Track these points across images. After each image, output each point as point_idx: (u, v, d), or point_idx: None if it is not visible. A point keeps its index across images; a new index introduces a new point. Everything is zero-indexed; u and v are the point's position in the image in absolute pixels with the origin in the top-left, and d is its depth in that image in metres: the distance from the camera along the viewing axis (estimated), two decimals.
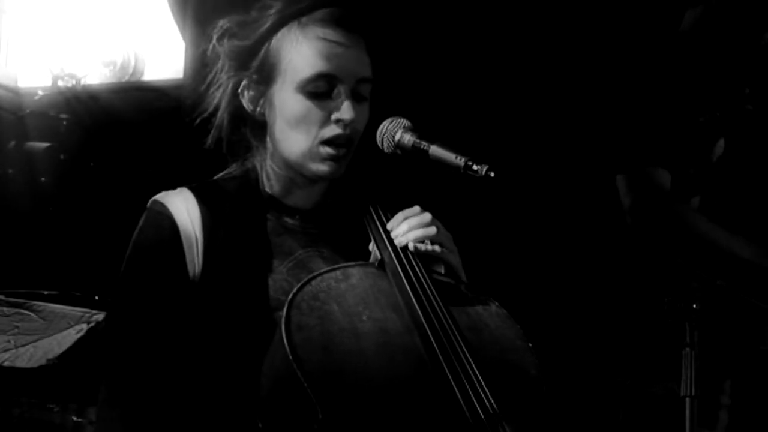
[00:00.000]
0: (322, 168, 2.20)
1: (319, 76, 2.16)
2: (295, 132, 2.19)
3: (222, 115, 2.26)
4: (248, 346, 2.03)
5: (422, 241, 2.16)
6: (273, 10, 2.21)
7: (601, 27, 3.53)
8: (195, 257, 2.16)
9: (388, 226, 2.21)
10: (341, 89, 2.18)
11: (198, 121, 2.30)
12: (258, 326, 2.07)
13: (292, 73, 2.17)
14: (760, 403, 3.03)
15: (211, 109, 2.26)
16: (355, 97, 2.19)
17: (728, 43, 3.07)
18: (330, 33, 2.17)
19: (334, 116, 2.17)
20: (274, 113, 2.21)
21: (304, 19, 2.18)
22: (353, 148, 2.22)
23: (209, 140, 2.28)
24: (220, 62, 2.24)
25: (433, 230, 2.17)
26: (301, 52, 2.16)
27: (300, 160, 2.21)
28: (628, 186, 2.96)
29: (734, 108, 3.05)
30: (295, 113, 2.18)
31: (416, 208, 2.21)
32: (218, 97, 2.26)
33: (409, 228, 2.18)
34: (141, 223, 2.22)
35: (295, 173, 2.25)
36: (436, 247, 2.17)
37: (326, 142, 2.18)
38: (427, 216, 2.19)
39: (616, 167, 3.00)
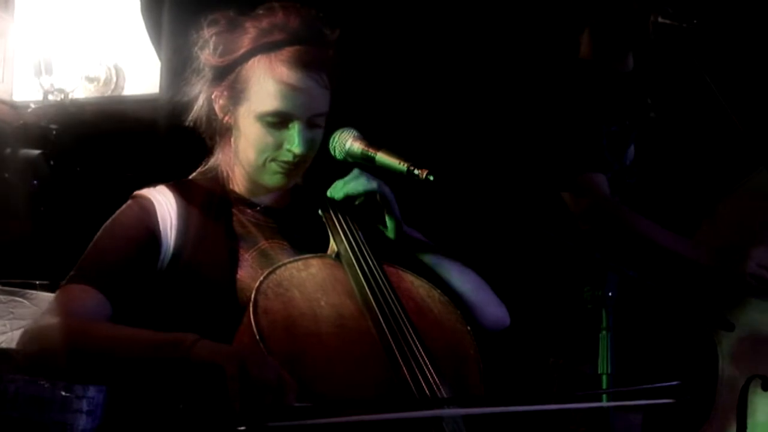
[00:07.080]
0: (274, 179, 2.34)
1: (276, 113, 2.28)
2: (252, 150, 2.32)
3: (200, 106, 2.38)
4: (215, 326, 2.11)
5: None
6: (249, 36, 2.31)
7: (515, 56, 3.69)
8: (168, 238, 2.27)
9: (329, 193, 2.36)
10: (295, 123, 2.29)
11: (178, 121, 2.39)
12: (225, 307, 2.19)
13: (255, 104, 2.30)
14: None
15: (190, 98, 2.39)
16: (309, 126, 2.31)
17: (619, 59, 3.20)
18: (292, 76, 2.27)
19: (285, 146, 2.30)
20: (238, 130, 2.35)
21: (272, 55, 2.28)
22: (306, 165, 2.36)
23: (188, 120, 2.41)
24: (200, 65, 2.36)
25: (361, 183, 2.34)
26: (264, 88, 2.28)
27: (254, 172, 2.35)
28: (573, 196, 3.05)
29: (640, 117, 3.21)
30: (253, 137, 2.31)
31: (354, 171, 2.37)
32: (198, 90, 2.38)
33: (344, 184, 2.35)
34: (123, 206, 2.34)
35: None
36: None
37: (278, 161, 2.32)
38: (355, 172, 2.35)
39: (558, 186, 3.09)
